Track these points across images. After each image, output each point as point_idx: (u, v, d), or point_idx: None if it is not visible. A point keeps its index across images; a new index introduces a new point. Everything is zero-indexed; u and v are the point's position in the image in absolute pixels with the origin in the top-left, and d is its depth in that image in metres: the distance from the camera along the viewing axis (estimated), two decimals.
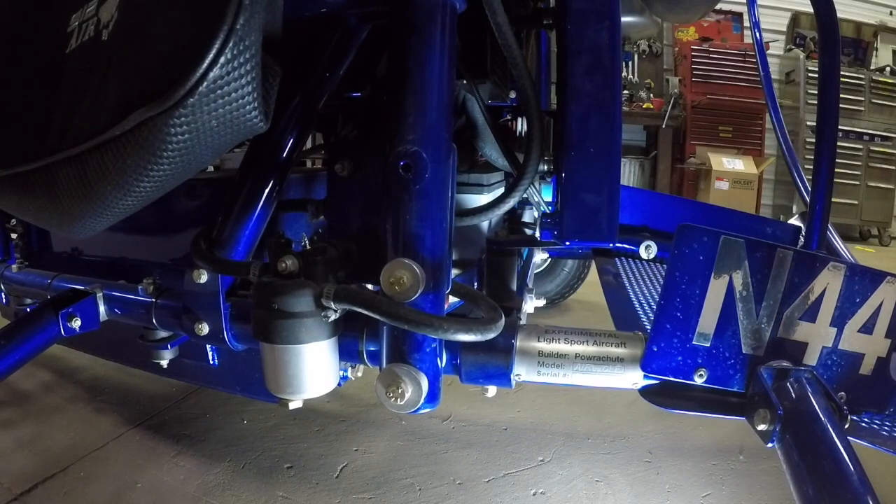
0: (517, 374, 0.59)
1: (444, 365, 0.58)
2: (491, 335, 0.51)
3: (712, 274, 0.56)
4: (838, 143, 0.86)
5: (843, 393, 0.59)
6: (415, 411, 0.52)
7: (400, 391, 0.50)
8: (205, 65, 0.40)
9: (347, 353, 0.61)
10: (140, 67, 0.45)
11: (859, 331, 0.58)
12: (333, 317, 0.52)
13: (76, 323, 0.75)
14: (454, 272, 0.58)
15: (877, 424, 0.61)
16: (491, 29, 0.57)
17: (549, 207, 0.82)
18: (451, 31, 0.53)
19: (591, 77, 0.63)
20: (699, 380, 0.58)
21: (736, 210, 1.27)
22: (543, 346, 0.58)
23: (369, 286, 0.64)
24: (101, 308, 0.78)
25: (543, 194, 0.82)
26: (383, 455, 1.11)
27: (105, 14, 0.50)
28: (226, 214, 0.64)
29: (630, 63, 4.82)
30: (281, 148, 0.63)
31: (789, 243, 1.20)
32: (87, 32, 0.52)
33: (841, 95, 0.91)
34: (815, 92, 1.13)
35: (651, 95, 4.72)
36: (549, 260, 1.81)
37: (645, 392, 0.60)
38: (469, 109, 0.85)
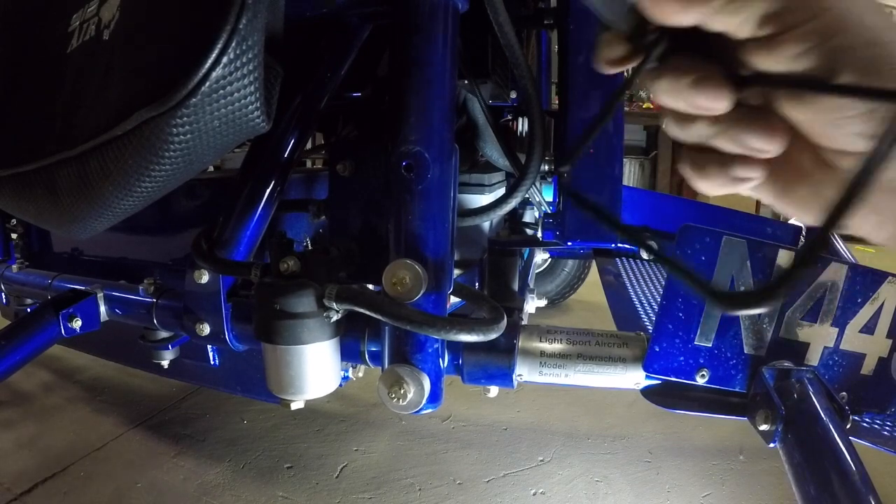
0: (519, 375, 0.59)
1: (445, 365, 0.58)
2: (493, 335, 0.51)
3: (714, 274, 0.56)
4: None
5: (844, 393, 0.59)
6: (417, 412, 0.52)
7: (402, 392, 0.50)
8: (207, 64, 0.40)
9: (349, 354, 0.61)
10: (142, 67, 0.45)
11: (861, 331, 0.58)
12: (335, 317, 0.52)
13: (77, 323, 0.75)
14: (456, 272, 0.58)
15: (878, 424, 0.61)
16: (492, 29, 0.57)
17: (551, 207, 0.82)
18: (454, 31, 0.53)
19: (593, 77, 0.63)
20: (701, 380, 0.58)
21: (736, 210, 1.27)
22: (545, 346, 0.58)
23: (371, 286, 0.64)
24: (102, 308, 0.78)
25: (545, 194, 0.82)
26: (383, 455, 1.11)
27: (106, 14, 0.50)
28: (227, 215, 0.64)
29: None
30: (282, 148, 0.63)
31: (790, 243, 1.20)
32: (88, 32, 0.52)
33: None
34: None
35: (651, 95, 4.71)
36: (550, 260, 1.81)
37: (647, 392, 0.60)
38: (470, 109, 0.85)
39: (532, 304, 0.95)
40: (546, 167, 0.73)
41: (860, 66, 0.20)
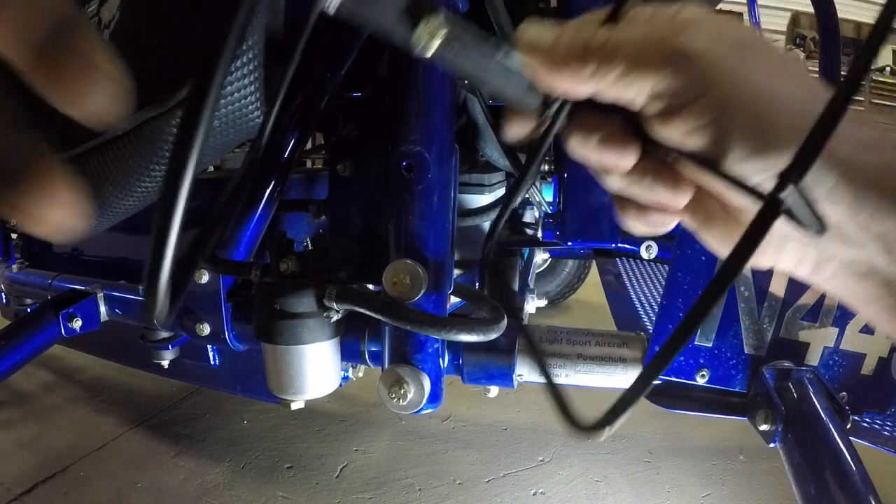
0: (519, 375, 0.59)
1: (446, 365, 0.58)
2: (493, 336, 0.51)
3: (714, 274, 0.56)
4: None
5: (844, 393, 0.59)
6: (417, 412, 0.52)
7: (402, 392, 0.50)
8: None
9: (349, 354, 0.61)
10: (142, 67, 0.45)
11: (861, 331, 0.58)
12: (336, 317, 0.52)
13: (77, 323, 0.75)
14: (456, 272, 0.58)
15: (878, 424, 0.61)
16: (493, 29, 0.57)
17: (551, 208, 0.82)
18: None
19: None
20: (701, 380, 0.58)
21: None
22: (546, 346, 0.58)
23: (371, 286, 0.64)
24: (102, 308, 0.78)
25: (545, 194, 0.82)
26: (383, 455, 1.11)
27: (106, 14, 0.50)
28: (227, 215, 0.64)
29: None
30: (282, 148, 0.63)
31: None
32: None
33: None
34: None
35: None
36: (550, 260, 1.81)
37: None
38: (470, 109, 0.85)
39: (532, 304, 0.95)
40: (546, 167, 0.73)
41: (750, 139, 0.20)
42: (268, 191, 0.63)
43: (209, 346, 0.77)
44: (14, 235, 1.08)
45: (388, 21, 0.20)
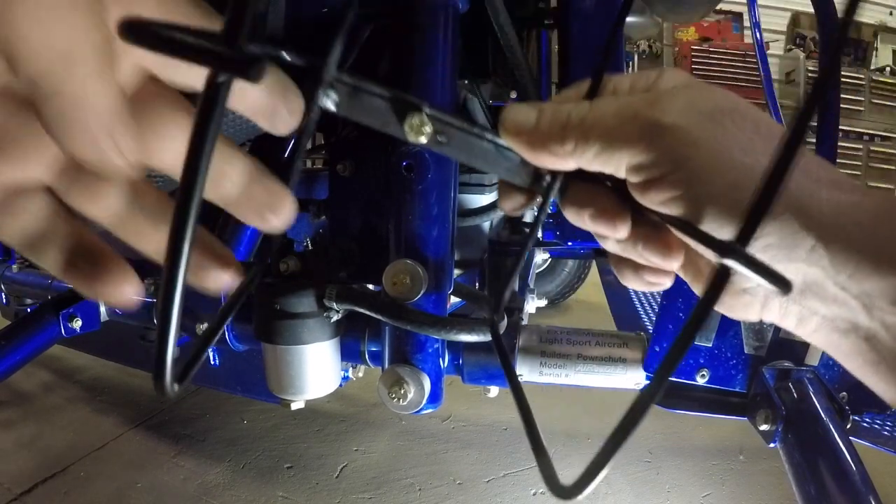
0: (519, 375, 0.59)
1: (446, 365, 0.58)
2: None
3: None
4: (838, 143, 0.86)
5: (844, 393, 0.59)
6: (417, 412, 0.52)
7: (402, 392, 0.50)
8: None
9: (349, 354, 0.61)
10: None
11: None
12: (336, 317, 0.52)
13: (77, 323, 0.75)
14: (456, 272, 0.58)
15: (878, 424, 0.61)
16: (493, 29, 0.57)
17: (551, 208, 0.82)
18: (454, 31, 0.53)
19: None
20: (701, 380, 0.58)
21: None
22: (546, 346, 0.58)
23: (371, 286, 0.64)
24: (102, 308, 0.78)
25: None
26: (383, 455, 1.11)
27: None
28: (227, 214, 0.64)
29: (630, 63, 4.82)
30: (283, 148, 0.63)
31: None
32: None
33: (841, 95, 0.91)
34: None
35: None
36: (550, 260, 1.81)
37: None
38: (470, 110, 0.85)
39: (532, 304, 0.95)
40: None
41: (725, 207, 0.21)
42: None
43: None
44: None
45: (379, 118, 0.22)
